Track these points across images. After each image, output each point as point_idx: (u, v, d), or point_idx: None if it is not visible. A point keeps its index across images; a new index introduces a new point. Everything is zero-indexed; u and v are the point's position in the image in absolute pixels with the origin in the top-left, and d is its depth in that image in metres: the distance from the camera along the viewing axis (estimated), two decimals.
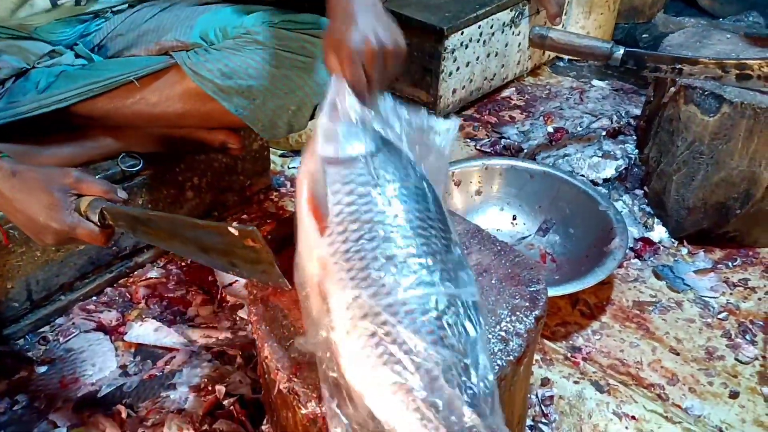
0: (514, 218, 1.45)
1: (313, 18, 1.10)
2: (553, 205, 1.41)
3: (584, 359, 1.15)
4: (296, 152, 1.68)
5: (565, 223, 1.39)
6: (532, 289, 0.83)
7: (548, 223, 1.41)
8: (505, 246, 0.91)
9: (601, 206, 1.32)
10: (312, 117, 1.15)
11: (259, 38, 1.08)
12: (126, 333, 1.15)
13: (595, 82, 2.03)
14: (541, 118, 1.82)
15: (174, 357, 1.10)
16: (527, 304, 0.81)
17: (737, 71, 1.24)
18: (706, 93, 1.25)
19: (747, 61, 1.23)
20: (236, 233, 0.72)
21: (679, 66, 1.28)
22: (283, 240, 0.88)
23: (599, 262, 1.22)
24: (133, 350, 1.13)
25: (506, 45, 1.87)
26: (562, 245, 1.38)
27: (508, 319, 0.79)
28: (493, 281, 0.84)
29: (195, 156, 1.29)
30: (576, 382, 1.10)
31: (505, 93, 1.98)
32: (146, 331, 1.15)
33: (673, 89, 1.31)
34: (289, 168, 1.63)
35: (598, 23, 2.10)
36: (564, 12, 1.89)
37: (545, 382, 1.10)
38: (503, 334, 0.77)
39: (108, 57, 1.14)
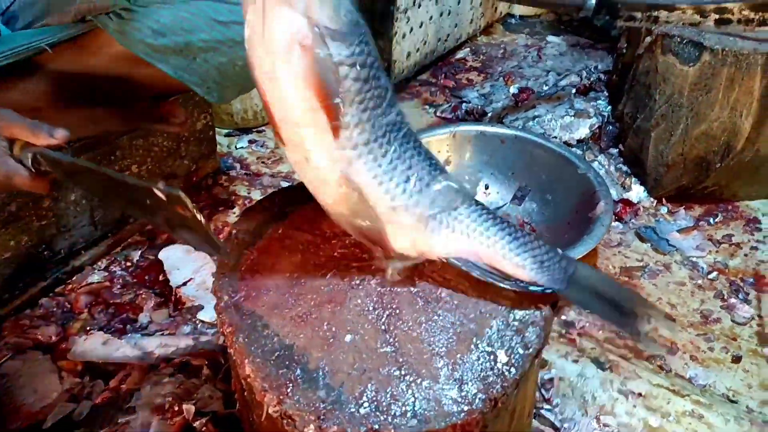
0: (487, 187, 1.36)
1: None
2: (528, 170, 1.32)
3: (579, 335, 1.07)
4: (243, 130, 1.54)
5: (542, 189, 1.31)
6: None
7: (523, 190, 1.33)
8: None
9: (580, 169, 1.24)
10: None
11: None
12: (69, 349, 1.01)
13: (550, 38, 1.95)
14: (501, 78, 1.72)
15: (129, 374, 0.96)
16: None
17: (717, 15, 1.17)
18: (684, 41, 1.18)
19: (726, 5, 1.16)
20: (163, 196, 0.60)
21: (655, 13, 1.19)
22: (255, 233, 0.76)
23: (586, 228, 1.14)
24: (79, 369, 0.99)
25: (458, 2, 1.76)
26: (540, 213, 1.30)
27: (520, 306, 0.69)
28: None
29: (132, 141, 1.14)
30: (575, 361, 1.03)
31: (460, 54, 1.88)
32: (93, 345, 1.01)
33: (648, 39, 1.23)
34: (237, 148, 1.48)
35: None
36: None
37: (543, 364, 1.02)
38: (517, 324, 0.68)
39: (18, 30, 0.96)
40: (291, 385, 0.61)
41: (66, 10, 0.91)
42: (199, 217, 0.60)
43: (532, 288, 0.67)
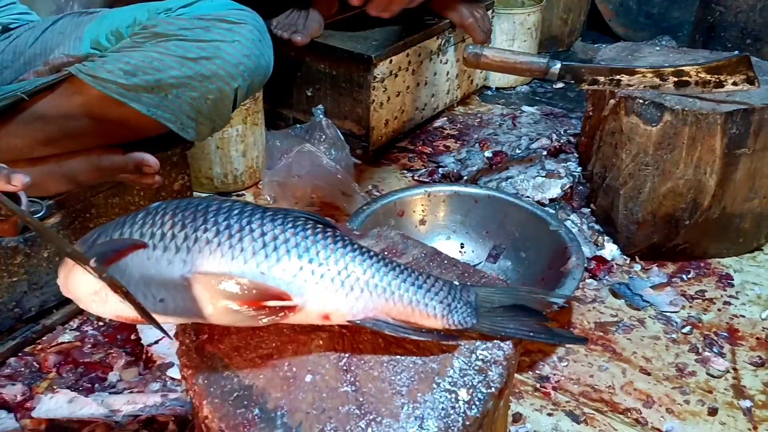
0: (462, 246, 1.37)
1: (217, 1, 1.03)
2: (502, 229, 1.35)
3: (554, 389, 1.06)
4: (223, 195, 1.56)
5: (516, 247, 1.32)
6: None
7: (498, 248, 1.34)
8: (468, 267, 0.82)
9: (551, 226, 1.26)
10: (234, 107, 1.05)
11: (158, 30, 0.98)
12: (34, 408, 0.98)
13: (525, 108, 2.01)
14: (477, 144, 1.77)
15: (93, 431, 0.94)
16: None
17: (675, 78, 1.22)
18: (646, 102, 1.23)
19: (683, 68, 1.22)
20: (94, 274, 0.59)
21: (617, 77, 1.25)
22: None
23: (558, 283, 1.15)
24: (43, 428, 0.96)
25: (435, 74, 1.83)
26: (515, 270, 1.31)
27: (483, 345, 0.69)
28: None
29: (107, 199, 1.15)
30: (550, 414, 1.01)
31: (437, 123, 1.93)
32: (58, 403, 0.99)
33: (612, 101, 1.28)
34: None
35: (522, 50, 2.10)
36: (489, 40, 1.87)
37: (517, 417, 1.00)
38: (480, 363, 0.68)
39: None
40: (248, 425, 0.60)
41: (40, 66, 0.95)
42: (130, 300, 0.59)
43: (444, 337, 0.66)
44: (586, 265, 1.32)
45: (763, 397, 1.06)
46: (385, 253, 0.82)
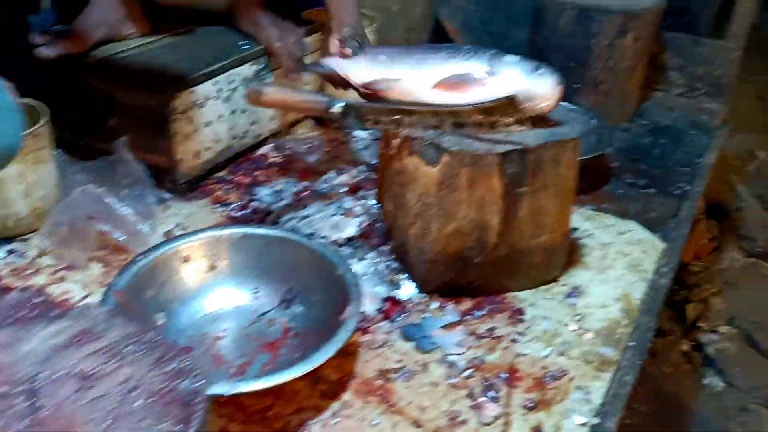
0: (256, 291, 1.31)
1: None
2: (294, 272, 1.30)
3: None
4: (4, 240, 1.43)
5: (309, 291, 1.28)
6: (189, 404, 0.69)
7: (291, 292, 1.29)
8: (170, 349, 0.76)
9: (337, 270, 1.22)
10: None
11: None
12: None
13: (357, 132, 1.98)
14: (297, 175, 1.72)
15: None
16: (177, 429, 0.66)
17: (452, 119, 1.21)
18: (426, 143, 1.21)
19: (458, 110, 1.21)
20: None
21: (398, 117, 1.23)
22: None
23: (333, 334, 1.11)
24: None
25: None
26: (306, 316, 1.26)
27: None
28: (139, 402, 0.69)
29: None
30: None
31: (264, 150, 1.87)
32: None
33: (396, 141, 1.26)
34: None
35: None
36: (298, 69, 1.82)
37: None
38: None
39: None
40: None
41: None
42: None
43: None
44: (380, 306, 1.31)
45: None
46: (77, 339, 0.75)
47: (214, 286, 1.29)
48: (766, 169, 3.28)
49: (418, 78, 1.27)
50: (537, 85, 1.18)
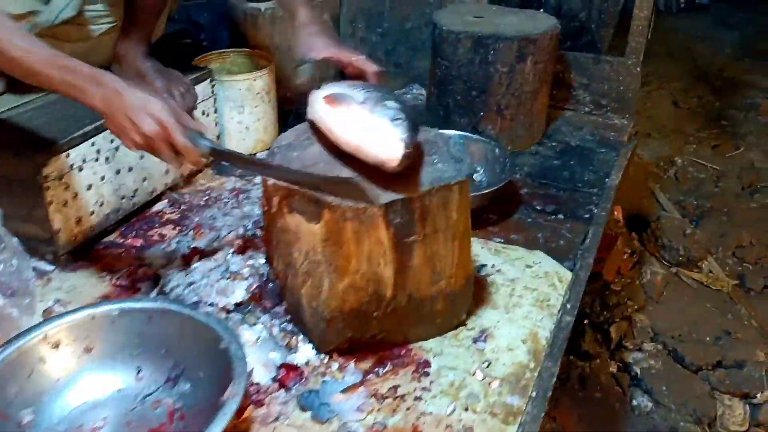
0: (140, 371, 1.21)
1: None
2: (180, 347, 1.20)
3: None
4: None
5: (195, 367, 1.18)
6: None
7: (177, 369, 1.20)
8: None
9: (222, 343, 1.14)
10: None
11: None
12: None
13: (258, 179, 1.90)
14: (192, 232, 1.63)
15: None
16: None
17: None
18: (305, 200, 1.14)
19: (302, 180, 1.14)
20: None
21: (261, 170, 1.16)
22: None
23: (213, 418, 1.02)
24: None
25: (142, 157, 1.67)
26: (193, 394, 1.17)
27: None
28: None
29: None
30: None
31: (158, 207, 1.76)
32: None
33: (276, 198, 1.18)
34: None
35: (256, 116, 2.00)
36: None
37: None
38: None
39: None
40: None
41: None
42: None
43: None
44: (275, 375, 1.22)
45: None
46: None
47: (91, 371, 1.18)
48: (684, 175, 3.33)
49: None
50: (384, 137, 1.13)
